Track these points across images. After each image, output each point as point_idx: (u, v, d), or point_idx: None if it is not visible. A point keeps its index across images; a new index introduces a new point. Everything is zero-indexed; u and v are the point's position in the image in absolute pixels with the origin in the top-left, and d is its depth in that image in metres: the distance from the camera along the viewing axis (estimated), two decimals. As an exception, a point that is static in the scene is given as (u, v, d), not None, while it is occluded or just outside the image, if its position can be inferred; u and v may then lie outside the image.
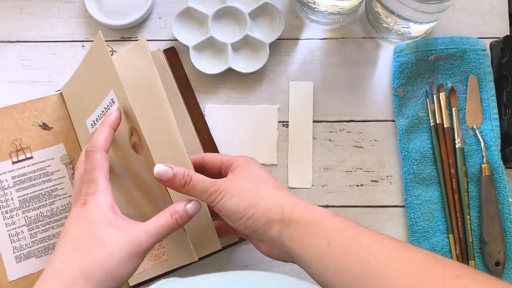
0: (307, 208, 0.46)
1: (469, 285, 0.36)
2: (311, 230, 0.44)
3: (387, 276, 0.39)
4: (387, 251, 0.41)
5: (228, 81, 0.65)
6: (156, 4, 0.68)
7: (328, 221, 0.44)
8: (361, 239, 0.42)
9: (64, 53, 0.67)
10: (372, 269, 0.40)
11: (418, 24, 0.61)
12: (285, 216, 0.45)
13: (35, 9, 0.68)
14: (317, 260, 0.43)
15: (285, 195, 0.48)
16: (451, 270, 0.37)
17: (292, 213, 0.45)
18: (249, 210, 0.47)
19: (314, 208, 0.46)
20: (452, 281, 0.36)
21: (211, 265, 0.60)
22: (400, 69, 0.63)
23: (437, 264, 0.38)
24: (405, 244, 0.42)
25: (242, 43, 0.65)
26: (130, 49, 0.55)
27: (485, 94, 0.62)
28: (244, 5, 0.65)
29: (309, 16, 0.66)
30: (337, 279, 0.41)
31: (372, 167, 0.63)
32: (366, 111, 0.64)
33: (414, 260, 0.39)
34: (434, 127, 0.62)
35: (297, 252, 0.45)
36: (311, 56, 0.66)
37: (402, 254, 0.40)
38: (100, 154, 0.48)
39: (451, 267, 0.38)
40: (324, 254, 0.43)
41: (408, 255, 0.40)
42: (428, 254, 0.40)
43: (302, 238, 0.44)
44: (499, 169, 0.60)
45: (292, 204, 0.46)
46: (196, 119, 0.63)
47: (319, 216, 0.45)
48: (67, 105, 0.62)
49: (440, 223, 0.60)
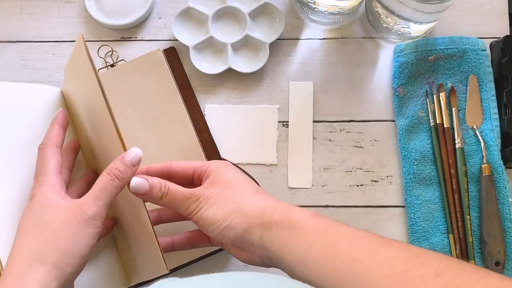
0: (287, 210, 0.45)
1: (450, 282, 0.36)
2: (292, 233, 0.43)
3: (369, 279, 0.38)
4: (366, 251, 0.40)
5: (228, 81, 0.65)
6: (156, 4, 0.68)
7: (309, 222, 0.44)
8: (341, 241, 0.42)
9: (64, 53, 0.67)
10: (354, 274, 0.39)
11: (418, 24, 0.61)
12: (265, 220, 0.45)
13: (35, 9, 0.68)
14: (299, 264, 0.43)
15: (263, 198, 0.47)
16: (431, 267, 0.37)
17: (272, 216, 0.45)
18: (225, 220, 0.46)
19: (294, 209, 0.46)
20: (433, 280, 0.36)
21: (211, 265, 0.59)
22: (400, 69, 0.63)
23: (417, 261, 0.38)
24: (383, 241, 0.41)
25: (242, 43, 0.65)
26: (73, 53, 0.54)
27: (485, 94, 0.62)
28: (244, 5, 0.65)
29: (309, 16, 0.66)
30: (321, 284, 0.41)
31: (372, 167, 0.63)
32: (366, 111, 0.64)
33: (394, 259, 0.39)
34: (434, 127, 0.62)
35: (279, 256, 0.44)
36: (311, 56, 0.66)
37: (381, 253, 0.40)
38: (50, 148, 0.49)
39: (431, 264, 0.38)
40: (305, 258, 0.42)
41: (387, 253, 0.39)
42: (408, 251, 0.39)
43: (284, 242, 0.44)
44: (499, 169, 0.60)
45: (272, 207, 0.46)
46: (196, 119, 0.63)
47: (299, 217, 0.44)
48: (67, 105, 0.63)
49: (440, 223, 0.60)
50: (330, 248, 0.41)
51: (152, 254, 0.48)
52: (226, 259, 0.60)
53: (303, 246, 0.43)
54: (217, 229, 0.46)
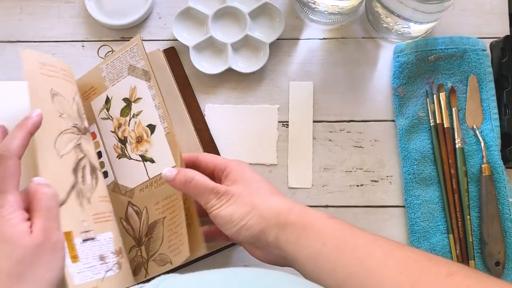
0: (302, 211, 0.46)
1: (461, 281, 0.37)
2: (306, 232, 0.44)
3: (381, 273, 0.39)
4: (381, 250, 0.42)
5: (228, 81, 0.65)
6: (156, 4, 0.68)
7: (324, 223, 0.45)
8: (356, 239, 0.43)
9: (64, 53, 0.67)
10: (366, 267, 0.40)
11: (418, 24, 0.61)
12: (281, 221, 0.46)
13: (35, 9, 0.68)
14: (312, 260, 0.43)
15: (279, 200, 0.48)
16: (444, 268, 0.39)
17: (288, 217, 0.46)
18: (242, 220, 0.47)
19: (309, 211, 0.46)
20: (446, 278, 0.38)
21: (211, 264, 0.59)
22: (400, 69, 0.63)
23: (431, 263, 0.40)
24: (399, 244, 0.43)
25: (242, 43, 0.65)
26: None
27: (485, 94, 0.62)
28: (244, 5, 0.65)
29: (309, 16, 0.66)
30: (330, 277, 0.42)
31: (372, 167, 0.63)
32: (366, 111, 0.64)
33: (409, 258, 0.40)
34: (434, 127, 0.62)
35: (292, 254, 0.45)
36: (311, 56, 0.66)
37: (396, 253, 0.41)
38: (13, 161, 0.44)
39: (444, 265, 0.39)
40: (319, 254, 0.43)
41: (402, 254, 0.41)
42: (422, 253, 0.41)
43: (297, 240, 0.45)
44: (499, 169, 0.60)
45: (288, 208, 0.47)
46: (196, 119, 0.63)
47: (315, 218, 0.45)
48: None
49: (440, 223, 0.60)
50: (345, 246, 0.42)
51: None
52: (226, 259, 0.60)
53: (317, 243, 0.43)
54: (234, 228, 0.47)
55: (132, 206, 0.56)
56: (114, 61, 0.58)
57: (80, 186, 0.51)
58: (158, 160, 0.55)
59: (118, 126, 0.58)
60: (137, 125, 0.57)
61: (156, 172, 0.55)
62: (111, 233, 0.52)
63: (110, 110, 0.58)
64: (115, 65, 0.58)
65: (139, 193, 0.56)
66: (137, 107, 0.57)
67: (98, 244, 0.51)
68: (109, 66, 0.59)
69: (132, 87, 0.57)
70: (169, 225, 0.53)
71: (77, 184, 0.51)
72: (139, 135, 0.56)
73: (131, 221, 0.56)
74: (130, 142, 0.57)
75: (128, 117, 0.57)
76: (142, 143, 0.56)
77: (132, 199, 0.56)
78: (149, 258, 0.54)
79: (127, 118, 0.57)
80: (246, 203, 0.47)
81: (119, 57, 0.58)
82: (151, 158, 0.56)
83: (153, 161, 0.55)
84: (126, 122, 0.57)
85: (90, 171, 0.53)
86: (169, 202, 0.54)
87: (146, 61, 0.56)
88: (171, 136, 0.54)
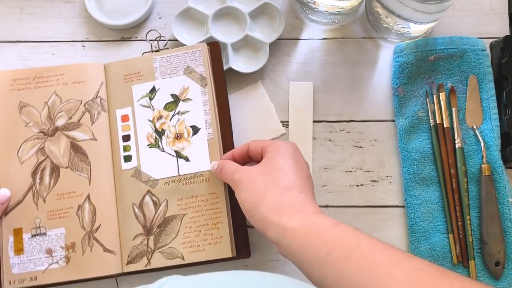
0: (308, 218, 0.45)
1: None
2: (309, 240, 0.43)
3: (389, 284, 0.37)
4: (389, 259, 0.40)
5: (228, 81, 0.65)
6: (156, 4, 0.68)
7: (328, 230, 0.43)
8: (363, 248, 0.41)
9: (64, 53, 0.67)
10: (373, 277, 0.38)
11: (418, 24, 0.61)
12: (281, 223, 0.45)
13: (35, 9, 0.68)
14: (316, 269, 0.43)
15: (291, 199, 0.47)
16: (457, 283, 0.36)
17: (288, 222, 0.45)
18: (251, 210, 0.48)
19: (315, 216, 0.45)
20: None
21: (211, 266, 0.59)
22: (400, 69, 0.63)
23: (442, 277, 0.37)
24: (408, 254, 0.40)
25: (242, 43, 0.65)
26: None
27: (485, 94, 0.62)
28: (244, 5, 0.65)
29: (309, 16, 0.66)
30: (336, 285, 0.41)
31: (372, 167, 0.63)
32: (366, 111, 0.64)
33: (419, 270, 0.38)
34: (434, 127, 0.62)
35: (294, 260, 0.45)
36: (311, 56, 0.66)
37: (405, 263, 0.39)
38: None
39: (457, 281, 0.37)
40: (323, 264, 0.42)
41: (411, 265, 0.39)
42: (433, 266, 0.39)
43: (299, 249, 0.44)
44: (499, 169, 0.60)
45: (293, 211, 0.46)
46: (223, 123, 0.60)
47: (319, 226, 0.44)
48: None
49: (440, 223, 0.60)
50: (351, 255, 0.40)
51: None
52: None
53: (321, 253, 0.42)
54: (246, 215, 0.50)
55: (151, 195, 0.58)
56: (170, 57, 0.61)
57: (37, 187, 0.58)
58: (193, 160, 0.58)
59: (159, 117, 0.60)
60: (180, 122, 0.59)
61: (188, 171, 0.58)
62: (63, 229, 0.57)
63: (153, 100, 0.60)
64: (171, 61, 0.61)
65: (163, 185, 0.58)
66: (185, 106, 0.59)
67: (48, 239, 0.57)
68: (164, 60, 0.61)
69: (185, 86, 0.60)
70: (189, 223, 0.56)
71: (34, 185, 0.58)
72: (180, 132, 0.59)
73: (145, 209, 0.58)
74: (168, 136, 0.59)
75: (172, 112, 0.60)
76: (181, 140, 0.59)
77: (154, 189, 0.58)
78: (155, 249, 0.57)
79: (171, 113, 0.59)
80: (256, 193, 0.48)
81: (178, 56, 0.61)
82: (186, 156, 0.58)
83: (188, 159, 0.58)
84: (168, 116, 0.60)
85: (49, 172, 0.58)
86: (194, 201, 0.57)
87: (207, 68, 0.59)
88: (213, 143, 0.58)
